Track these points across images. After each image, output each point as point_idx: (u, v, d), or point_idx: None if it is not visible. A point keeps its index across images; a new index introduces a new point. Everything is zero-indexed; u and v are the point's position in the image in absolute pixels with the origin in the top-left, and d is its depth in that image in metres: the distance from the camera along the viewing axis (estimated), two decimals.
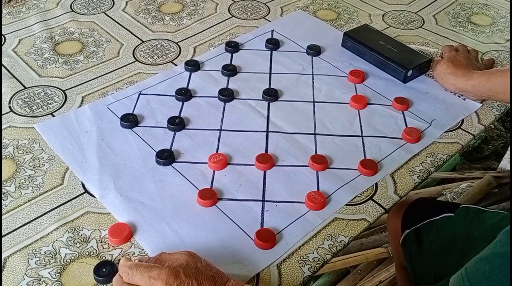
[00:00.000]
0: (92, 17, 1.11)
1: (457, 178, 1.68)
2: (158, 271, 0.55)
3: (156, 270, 0.56)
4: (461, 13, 1.19)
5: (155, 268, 0.56)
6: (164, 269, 0.56)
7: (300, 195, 0.72)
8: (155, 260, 0.59)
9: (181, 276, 0.55)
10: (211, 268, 0.59)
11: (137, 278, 0.56)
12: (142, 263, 0.58)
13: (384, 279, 1.37)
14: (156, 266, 0.56)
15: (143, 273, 0.56)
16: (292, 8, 1.18)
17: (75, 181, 0.74)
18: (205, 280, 0.56)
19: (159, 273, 0.55)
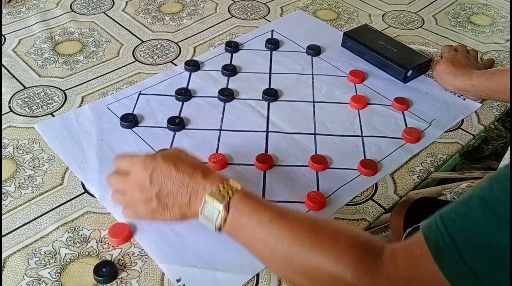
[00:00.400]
0: (92, 17, 1.11)
1: (457, 178, 1.68)
2: (139, 156, 0.60)
3: (138, 156, 0.61)
4: (461, 13, 1.19)
5: (138, 155, 0.62)
6: (145, 155, 0.61)
7: (300, 195, 0.72)
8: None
9: (159, 160, 0.58)
10: (195, 159, 0.60)
11: (122, 163, 0.63)
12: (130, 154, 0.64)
13: None
14: (140, 154, 0.62)
15: (127, 158, 0.62)
16: (292, 8, 1.18)
17: (75, 181, 0.74)
18: (183, 165, 0.57)
19: (139, 157, 0.60)
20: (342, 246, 0.46)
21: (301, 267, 0.49)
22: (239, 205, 0.54)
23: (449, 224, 0.43)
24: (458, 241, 0.41)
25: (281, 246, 0.50)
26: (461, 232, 0.42)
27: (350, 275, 0.45)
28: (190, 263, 0.63)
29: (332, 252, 0.47)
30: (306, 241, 0.48)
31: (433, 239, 0.43)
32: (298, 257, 0.48)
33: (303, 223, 0.51)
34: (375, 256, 0.46)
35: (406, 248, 0.45)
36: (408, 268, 0.44)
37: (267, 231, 0.51)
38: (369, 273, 0.45)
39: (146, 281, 0.61)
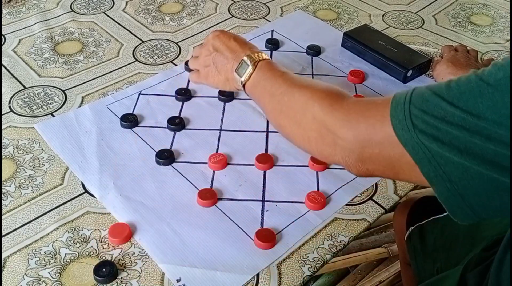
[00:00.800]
0: (92, 17, 1.11)
1: None
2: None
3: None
4: (461, 13, 1.19)
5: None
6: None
7: (300, 195, 0.72)
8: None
9: (220, 35, 0.79)
10: (244, 39, 0.79)
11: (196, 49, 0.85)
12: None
13: (384, 279, 1.37)
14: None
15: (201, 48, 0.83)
16: (292, 8, 1.18)
17: (75, 181, 0.74)
18: (238, 39, 0.78)
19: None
20: (317, 92, 0.59)
21: (286, 104, 0.62)
22: (263, 66, 0.70)
23: (415, 91, 0.49)
24: (414, 100, 0.47)
25: (278, 91, 0.64)
26: (420, 97, 0.48)
27: (317, 107, 0.57)
28: (190, 263, 0.63)
29: (307, 96, 0.60)
30: (297, 87, 0.63)
31: (398, 97, 0.49)
32: (287, 94, 0.63)
33: (301, 78, 0.66)
34: (342, 97, 0.57)
35: (372, 98, 0.55)
36: (363, 108, 0.53)
37: (274, 81, 0.66)
38: (332, 106, 0.56)
39: (146, 281, 0.61)
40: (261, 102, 0.69)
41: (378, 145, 0.51)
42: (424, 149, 0.46)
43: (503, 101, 0.41)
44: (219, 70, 0.77)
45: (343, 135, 0.54)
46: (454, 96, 0.44)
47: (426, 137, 0.45)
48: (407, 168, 0.48)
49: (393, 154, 0.49)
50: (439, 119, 0.45)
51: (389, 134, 0.49)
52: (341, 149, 0.54)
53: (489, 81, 0.43)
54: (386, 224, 1.49)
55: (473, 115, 0.42)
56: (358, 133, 0.52)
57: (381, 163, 0.52)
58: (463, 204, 0.45)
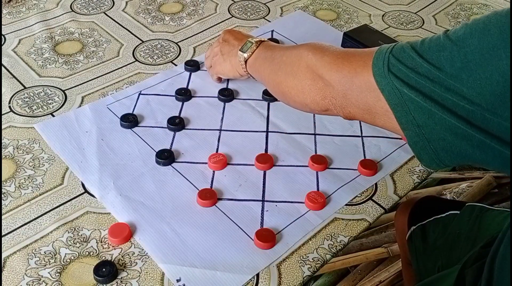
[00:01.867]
0: (92, 17, 1.11)
1: (457, 178, 1.68)
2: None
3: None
4: (461, 13, 1.19)
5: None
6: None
7: (300, 195, 0.72)
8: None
9: (231, 30, 0.87)
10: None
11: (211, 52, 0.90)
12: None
13: (384, 279, 1.37)
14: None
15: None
16: (292, 8, 1.18)
17: (75, 181, 0.74)
18: (244, 33, 0.85)
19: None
20: (310, 45, 0.65)
21: (282, 63, 0.68)
22: (266, 43, 0.78)
23: (398, 43, 0.54)
24: (394, 51, 0.53)
25: (277, 58, 0.70)
26: (400, 47, 0.53)
27: (310, 56, 0.63)
28: (190, 263, 0.63)
29: (302, 49, 0.66)
30: (290, 50, 0.69)
31: (382, 48, 0.55)
32: (284, 59, 0.69)
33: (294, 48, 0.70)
34: (333, 47, 0.63)
35: (361, 49, 0.60)
36: (349, 55, 0.59)
37: (273, 52, 0.73)
38: (323, 52, 0.62)
39: (146, 281, 0.61)
40: (261, 71, 0.75)
41: (358, 89, 0.56)
42: (398, 94, 0.51)
43: (459, 55, 0.46)
44: (225, 57, 0.83)
45: (329, 77, 0.59)
46: (424, 50, 0.50)
47: (399, 83, 0.51)
48: (382, 113, 0.54)
49: (370, 98, 0.54)
50: (411, 68, 0.50)
51: (368, 79, 0.54)
52: (329, 92, 0.60)
53: (452, 37, 0.48)
54: (386, 224, 1.49)
55: (436, 68, 0.48)
56: (342, 76, 0.58)
57: (360, 107, 0.57)
58: (429, 148, 0.51)
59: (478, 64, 0.45)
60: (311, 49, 0.64)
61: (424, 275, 0.90)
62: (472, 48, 0.45)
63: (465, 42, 0.46)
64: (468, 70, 0.45)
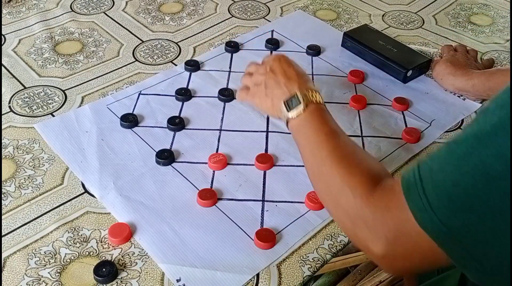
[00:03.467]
0: (92, 17, 1.11)
1: None
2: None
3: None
4: (461, 13, 1.19)
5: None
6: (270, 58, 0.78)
7: (300, 195, 0.72)
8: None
9: (280, 59, 0.76)
10: (302, 69, 0.76)
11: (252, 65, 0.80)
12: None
13: (384, 279, 1.36)
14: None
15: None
16: (292, 8, 1.18)
17: (75, 181, 0.74)
18: (296, 68, 0.74)
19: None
20: (352, 178, 0.57)
21: (325, 174, 0.61)
22: (314, 112, 0.67)
23: (421, 165, 0.48)
24: (424, 177, 0.46)
25: (319, 154, 0.62)
26: (428, 171, 0.47)
27: (351, 197, 0.55)
28: (190, 263, 0.63)
29: (343, 180, 0.58)
30: (338, 158, 0.60)
31: (407, 176, 0.49)
32: (326, 167, 0.60)
33: (345, 146, 0.63)
34: (375, 185, 0.54)
35: (391, 185, 0.53)
36: (386, 200, 0.52)
37: (318, 139, 0.64)
38: (363, 198, 0.54)
39: (146, 281, 0.61)
40: (301, 150, 0.67)
41: (409, 239, 0.48)
42: (444, 229, 0.44)
43: (506, 146, 0.40)
44: (267, 93, 0.72)
45: (376, 232, 0.52)
46: (459, 160, 0.44)
47: (443, 213, 0.44)
48: (441, 256, 0.46)
49: (425, 244, 0.47)
50: (453, 186, 0.43)
51: (413, 222, 0.47)
52: (374, 245, 0.52)
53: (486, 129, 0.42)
54: None
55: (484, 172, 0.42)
56: (388, 230, 0.50)
57: (414, 257, 0.50)
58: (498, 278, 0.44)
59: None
60: (353, 188, 0.55)
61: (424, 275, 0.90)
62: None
63: (507, 129, 0.40)
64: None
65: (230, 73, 0.96)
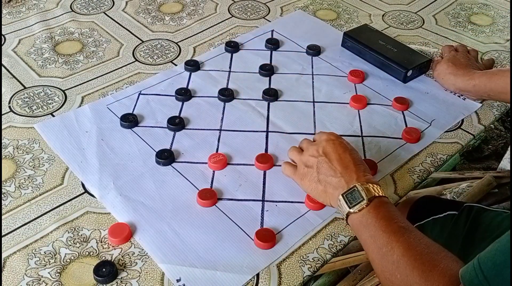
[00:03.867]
0: (92, 17, 1.11)
1: (457, 178, 1.68)
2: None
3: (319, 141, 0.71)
4: (461, 13, 1.19)
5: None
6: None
7: (300, 195, 0.72)
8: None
9: (335, 141, 0.69)
10: (358, 154, 0.69)
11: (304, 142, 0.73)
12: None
13: None
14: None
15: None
16: (292, 8, 1.18)
17: (75, 181, 0.74)
18: (352, 153, 0.67)
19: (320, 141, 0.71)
20: (435, 277, 0.53)
21: (399, 280, 0.56)
22: (379, 207, 0.61)
23: (482, 262, 0.47)
24: (490, 276, 0.46)
25: (391, 257, 0.57)
26: (492, 268, 0.46)
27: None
28: (190, 263, 0.63)
29: (426, 279, 0.54)
30: (412, 261, 0.55)
31: (468, 278, 0.48)
32: (400, 272, 0.55)
33: (416, 245, 0.57)
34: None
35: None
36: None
37: (387, 239, 0.58)
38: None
39: (146, 281, 0.61)
40: (367, 250, 0.61)
41: None
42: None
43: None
44: (320, 179, 0.67)
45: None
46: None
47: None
48: None
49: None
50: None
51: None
52: None
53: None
54: None
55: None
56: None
57: None
58: None
59: None
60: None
61: None
62: None
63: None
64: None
65: (230, 73, 0.96)
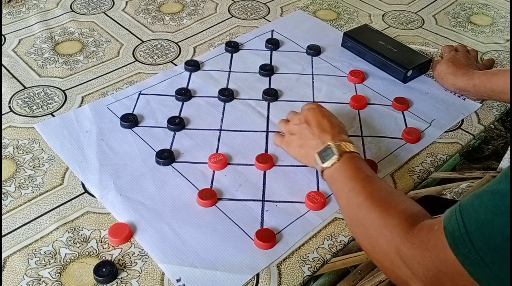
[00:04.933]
0: (92, 17, 1.11)
1: (457, 178, 1.68)
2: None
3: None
4: (461, 13, 1.19)
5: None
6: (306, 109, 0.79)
7: (300, 195, 0.72)
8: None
9: (316, 110, 0.76)
10: (336, 119, 0.77)
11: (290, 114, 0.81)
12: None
13: (384, 279, 1.36)
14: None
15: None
16: (292, 8, 1.18)
17: (75, 181, 0.74)
18: (331, 119, 0.75)
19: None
20: (390, 219, 0.57)
21: (362, 219, 0.61)
22: (348, 161, 0.67)
23: (465, 216, 0.48)
24: (471, 231, 0.47)
25: (356, 200, 0.62)
26: (474, 223, 0.47)
27: (389, 237, 0.56)
28: (190, 263, 0.63)
29: (381, 221, 0.58)
30: (374, 202, 0.60)
31: (451, 229, 0.49)
32: (363, 211, 0.61)
33: (380, 190, 0.63)
34: (413, 225, 0.55)
35: (430, 224, 0.54)
36: (424, 239, 0.52)
37: (354, 185, 0.64)
38: (402, 237, 0.55)
39: (146, 281, 0.61)
40: (337, 198, 0.68)
41: (448, 278, 0.50)
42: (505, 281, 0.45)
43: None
44: (302, 144, 0.74)
45: (415, 271, 0.53)
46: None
47: (500, 271, 0.45)
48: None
49: (466, 284, 0.48)
50: (506, 240, 0.44)
51: (453, 262, 0.48)
52: (414, 282, 0.54)
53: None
54: None
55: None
56: (427, 269, 0.52)
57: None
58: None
59: None
60: (391, 228, 0.56)
61: None
62: None
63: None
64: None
65: (230, 73, 0.96)
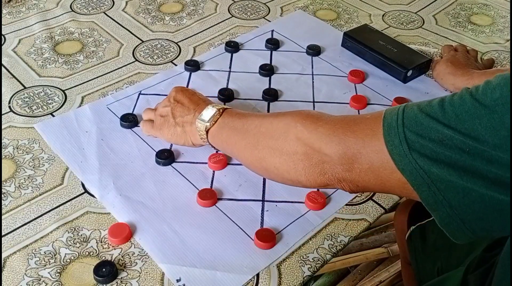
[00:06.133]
0: (92, 17, 1.11)
1: None
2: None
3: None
4: (461, 13, 1.19)
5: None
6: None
7: (300, 195, 0.72)
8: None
9: (183, 89, 0.76)
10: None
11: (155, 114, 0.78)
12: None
13: (384, 279, 1.37)
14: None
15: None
16: (292, 8, 1.18)
17: (75, 181, 0.74)
18: (199, 96, 0.75)
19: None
20: (297, 115, 0.57)
21: (264, 138, 0.59)
22: (228, 112, 0.68)
23: (407, 110, 0.48)
24: (407, 123, 0.47)
25: (252, 129, 0.61)
26: (413, 118, 0.47)
27: (300, 127, 0.55)
28: (190, 263, 0.63)
29: (288, 119, 0.58)
30: (270, 120, 0.60)
31: (389, 119, 0.48)
32: (265, 128, 0.60)
33: (271, 113, 0.64)
34: (323, 116, 0.56)
35: (359, 115, 0.54)
36: (350, 123, 0.52)
37: (244, 121, 0.64)
38: (315, 123, 0.54)
39: (146, 281, 0.61)
40: (231, 143, 0.66)
41: (367, 160, 0.49)
42: (423, 174, 0.45)
43: (502, 123, 0.40)
44: (177, 122, 0.72)
45: (330, 151, 0.52)
46: (450, 118, 0.43)
47: (424, 162, 0.44)
48: (398, 186, 0.48)
49: (384, 171, 0.48)
50: (437, 142, 0.43)
51: (379, 149, 0.48)
52: (330, 167, 0.53)
53: (485, 102, 0.42)
54: (386, 224, 1.49)
55: (472, 138, 0.42)
56: (347, 147, 0.51)
57: (371, 179, 0.50)
58: (464, 228, 0.44)
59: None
60: (300, 120, 0.56)
61: (423, 275, 0.90)
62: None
63: (507, 107, 0.40)
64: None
65: (230, 73, 0.96)
